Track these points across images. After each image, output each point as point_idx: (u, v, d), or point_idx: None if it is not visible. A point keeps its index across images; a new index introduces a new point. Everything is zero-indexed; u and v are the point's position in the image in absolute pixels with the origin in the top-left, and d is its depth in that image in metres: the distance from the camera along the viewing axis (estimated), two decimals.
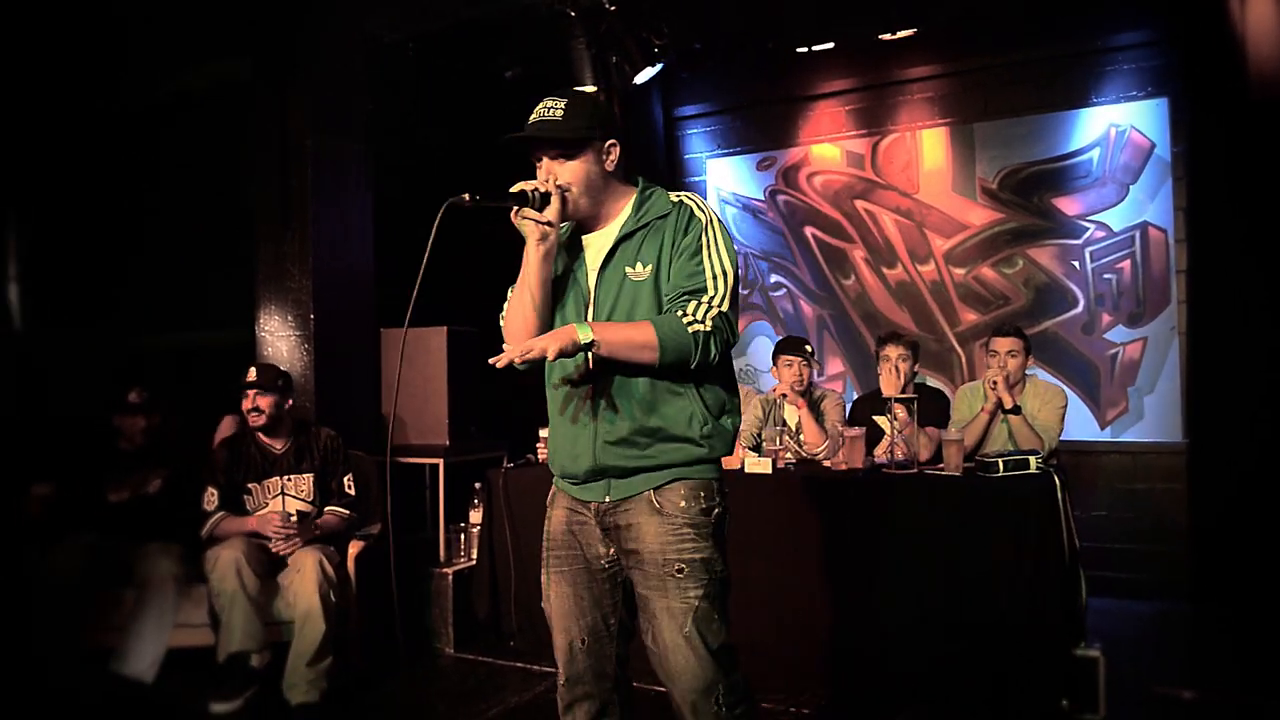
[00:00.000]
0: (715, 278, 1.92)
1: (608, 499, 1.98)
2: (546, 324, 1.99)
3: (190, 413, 4.07)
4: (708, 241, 1.94)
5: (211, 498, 3.57)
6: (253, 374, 3.65)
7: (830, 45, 5.24)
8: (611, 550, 2.01)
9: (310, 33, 4.30)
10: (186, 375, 4.72)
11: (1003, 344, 3.83)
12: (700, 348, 1.87)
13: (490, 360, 1.86)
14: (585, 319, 1.97)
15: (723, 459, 2.04)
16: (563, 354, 1.80)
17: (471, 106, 4.88)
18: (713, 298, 1.90)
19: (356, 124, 4.44)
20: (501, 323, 2.08)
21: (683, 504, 1.94)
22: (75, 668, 3.28)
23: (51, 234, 4.76)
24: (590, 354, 1.89)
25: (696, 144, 6.22)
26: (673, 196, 2.02)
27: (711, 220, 1.97)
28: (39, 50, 4.53)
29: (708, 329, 1.87)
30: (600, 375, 1.94)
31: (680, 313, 1.88)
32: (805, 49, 5.28)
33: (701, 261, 1.92)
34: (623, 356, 1.87)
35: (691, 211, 1.97)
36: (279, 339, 4.28)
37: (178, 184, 4.88)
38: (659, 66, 5.05)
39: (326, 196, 4.28)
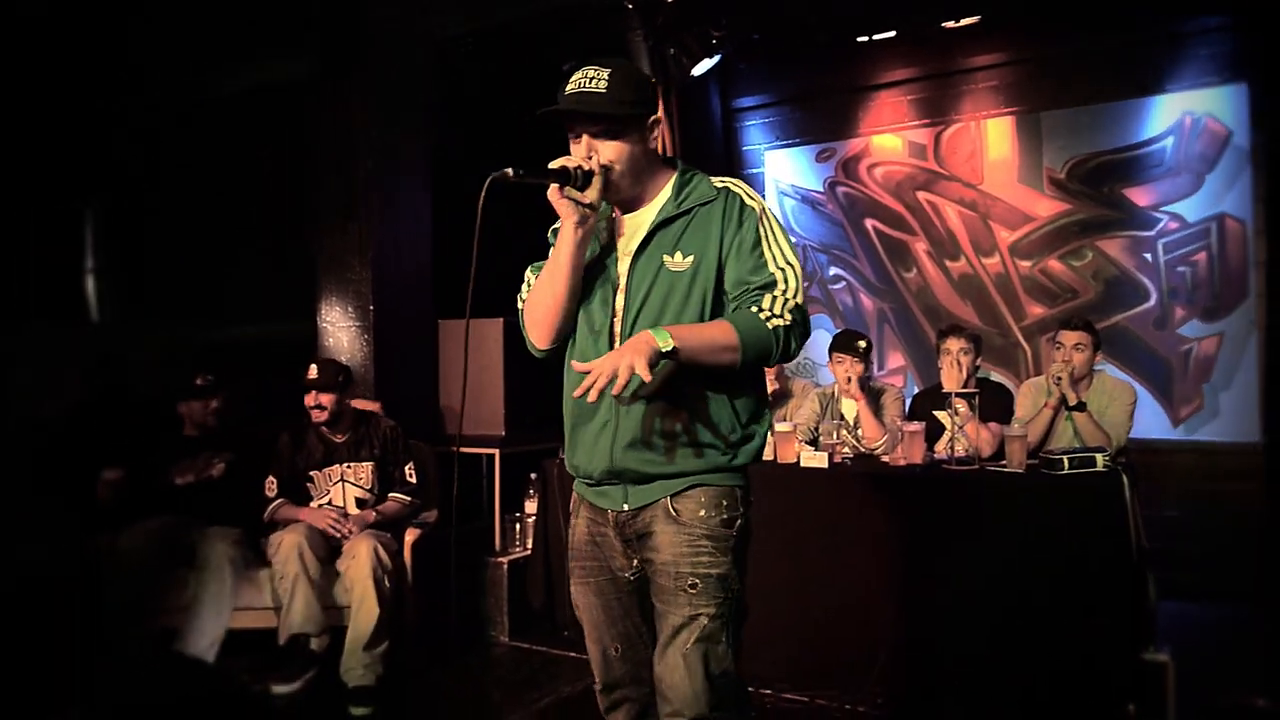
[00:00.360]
0: (783, 269, 1.79)
1: (626, 507, 1.85)
2: (572, 312, 1.88)
3: (256, 402, 4.16)
4: (765, 232, 1.81)
5: (272, 485, 3.68)
6: (313, 371, 3.70)
7: (891, 34, 5.16)
8: (635, 562, 1.89)
9: (371, 29, 4.37)
10: (251, 367, 4.82)
11: (1070, 337, 3.72)
12: (781, 344, 1.75)
13: (575, 393, 1.70)
14: (613, 308, 1.85)
15: (750, 465, 1.90)
16: (651, 367, 1.63)
17: (530, 100, 4.90)
18: (785, 290, 1.77)
19: (416, 118, 4.50)
20: (520, 305, 1.96)
21: (702, 513, 1.80)
22: (145, 649, 3.37)
23: (120, 228, 4.90)
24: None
25: (755, 135, 6.17)
26: (716, 182, 1.86)
27: (764, 208, 1.84)
28: (109, 48, 4.66)
29: (787, 323, 1.75)
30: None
31: (755, 308, 1.75)
32: (866, 38, 5.21)
33: (764, 254, 1.80)
34: (704, 361, 1.72)
35: (741, 200, 1.83)
36: (340, 330, 4.36)
37: (242, 178, 4.99)
38: (717, 58, 5.03)
39: (386, 190, 4.34)
